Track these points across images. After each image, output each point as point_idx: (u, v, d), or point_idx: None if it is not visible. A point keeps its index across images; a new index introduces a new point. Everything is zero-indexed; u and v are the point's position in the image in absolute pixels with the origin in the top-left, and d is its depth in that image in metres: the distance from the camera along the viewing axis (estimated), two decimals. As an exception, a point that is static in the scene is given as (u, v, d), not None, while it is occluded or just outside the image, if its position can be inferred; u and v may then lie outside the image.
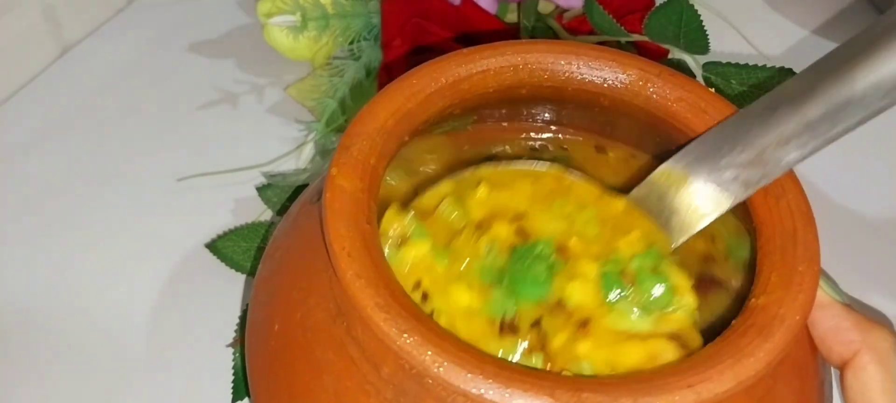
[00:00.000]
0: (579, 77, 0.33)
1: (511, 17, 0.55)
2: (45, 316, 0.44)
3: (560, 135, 0.36)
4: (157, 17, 0.61)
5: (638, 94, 0.32)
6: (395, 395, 0.25)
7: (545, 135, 0.36)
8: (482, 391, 0.23)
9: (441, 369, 0.23)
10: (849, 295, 0.29)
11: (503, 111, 0.35)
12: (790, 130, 0.28)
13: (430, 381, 0.24)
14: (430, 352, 0.23)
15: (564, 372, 0.28)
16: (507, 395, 0.23)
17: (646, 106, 0.32)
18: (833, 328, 0.28)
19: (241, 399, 0.40)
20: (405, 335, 0.24)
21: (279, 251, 0.33)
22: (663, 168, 0.31)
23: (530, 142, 0.36)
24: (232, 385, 0.40)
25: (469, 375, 0.23)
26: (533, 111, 0.36)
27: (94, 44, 0.59)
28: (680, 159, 0.31)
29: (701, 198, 0.30)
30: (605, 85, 0.33)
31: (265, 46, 0.54)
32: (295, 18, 0.52)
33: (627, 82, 0.33)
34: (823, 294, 0.28)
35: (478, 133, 0.36)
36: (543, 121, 0.36)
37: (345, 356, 0.26)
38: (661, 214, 0.31)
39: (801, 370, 0.28)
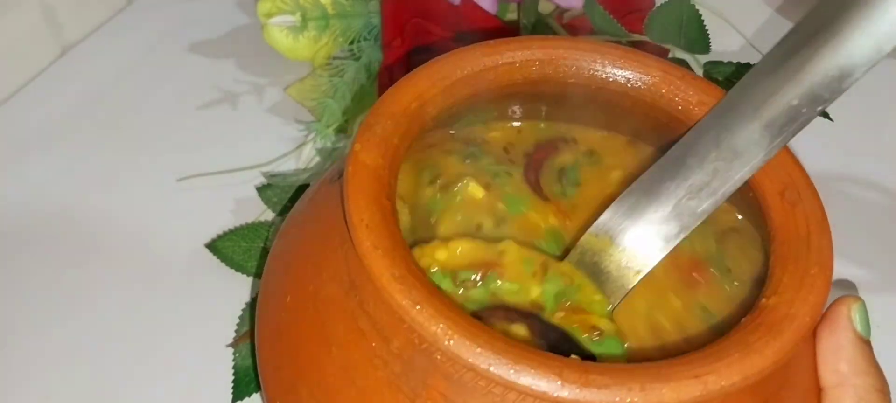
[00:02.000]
0: (603, 76, 0.33)
1: (511, 16, 0.55)
2: (45, 317, 0.44)
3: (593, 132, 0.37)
4: (157, 17, 0.61)
5: (661, 96, 0.32)
6: (404, 369, 0.25)
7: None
8: (490, 366, 0.23)
9: (451, 342, 0.23)
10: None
11: (528, 106, 0.36)
12: (699, 180, 0.28)
13: (440, 356, 0.24)
14: (441, 325, 0.24)
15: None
16: (514, 373, 0.23)
17: (668, 108, 0.32)
18: (831, 349, 0.28)
19: (242, 399, 0.40)
20: (419, 306, 0.24)
21: (295, 228, 0.33)
22: (588, 234, 0.31)
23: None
24: (232, 385, 0.40)
25: (478, 349, 0.23)
26: (555, 109, 0.36)
27: (94, 44, 0.59)
28: (603, 223, 0.31)
29: (628, 258, 0.30)
30: (629, 85, 0.33)
31: (265, 46, 0.54)
32: (295, 18, 0.52)
33: (650, 83, 0.33)
34: (845, 315, 0.28)
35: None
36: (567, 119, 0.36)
37: (355, 329, 0.27)
38: (598, 278, 0.31)
39: (810, 376, 0.28)
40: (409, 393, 0.25)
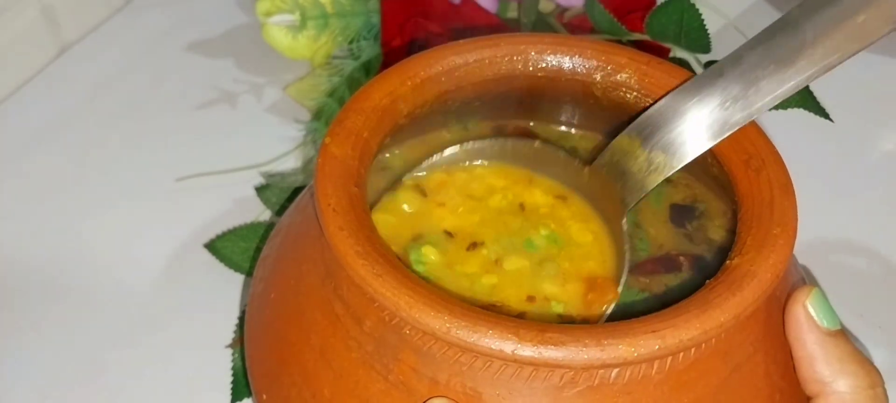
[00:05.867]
0: (572, 67, 0.34)
1: (511, 15, 0.55)
2: (44, 316, 0.44)
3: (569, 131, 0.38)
4: (155, 16, 0.61)
5: (629, 85, 0.33)
6: (376, 348, 0.26)
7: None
8: (449, 329, 0.24)
9: (414, 310, 0.25)
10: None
11: (504, 105, 0.36)
12: (736, 91, 0.29)
13: (408, 330, 0.25)
14: (404, 295, 0.25)
15: None
16: (475, 335, 0.24)
17: (639, 95, 0.33)
18: (804, 359, 0.27)
19: (241, 399, 0.39)
20: (381, 278, 0.25)
21: (282, 230, 0.34)
22: (622, 135, 0.32)
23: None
24: (231, 385, 0.40)
25: (439, 314, 0.24)
26: (530, 105, 0.36)
27: (92, 43, 0.59)
28: (636, 126, 0.31)
29: (652, 161, 0.31)
30: (598, 76, 0.34)
31: (264, 46, 0.54)
32: (294, 17, 0.52)
33: (616, 72, 0.33)
34: (801, 317, 0.27)
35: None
36: (543, 115, 0.37)
37: (330, 313, 0.28)
38: (618, 179, 0.32)
39: (785, 344, 0.28)
40: (382, 370, 0.26)
